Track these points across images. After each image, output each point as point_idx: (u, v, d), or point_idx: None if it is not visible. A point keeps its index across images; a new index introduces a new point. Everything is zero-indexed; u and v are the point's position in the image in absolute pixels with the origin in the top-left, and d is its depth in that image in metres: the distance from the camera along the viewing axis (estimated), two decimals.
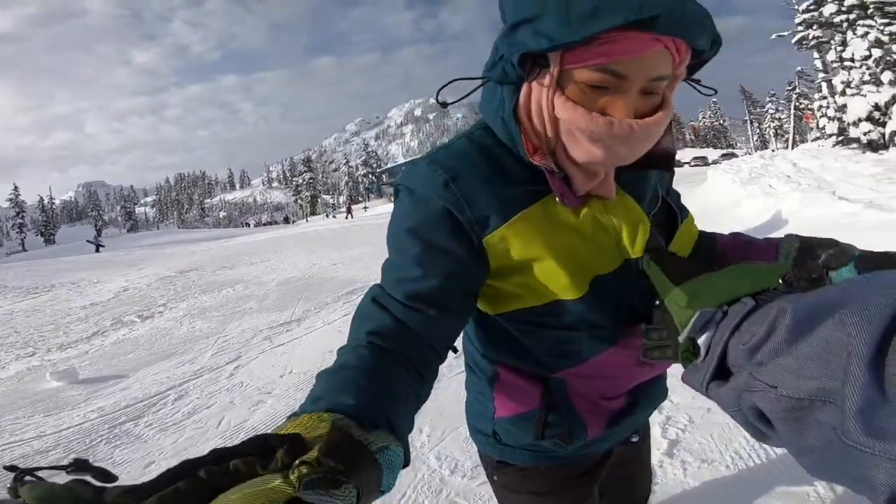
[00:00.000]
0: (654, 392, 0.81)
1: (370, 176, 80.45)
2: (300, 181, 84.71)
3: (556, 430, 0.72)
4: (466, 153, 0.63)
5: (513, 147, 0.62)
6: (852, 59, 14.08)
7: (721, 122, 79.48)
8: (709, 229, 0.84)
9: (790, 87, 37.98)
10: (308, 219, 61.25)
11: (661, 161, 0.66)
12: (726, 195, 8.79)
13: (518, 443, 0.78)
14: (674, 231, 0.75)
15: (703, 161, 39.91)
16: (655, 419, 2.16)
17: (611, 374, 0.73)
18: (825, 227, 5.38)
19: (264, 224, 76.28)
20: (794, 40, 17.66)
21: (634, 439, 0.89)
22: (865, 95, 13.34)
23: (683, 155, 49.25)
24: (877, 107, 12.99)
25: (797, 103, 27.58)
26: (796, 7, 17.15)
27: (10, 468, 0.30)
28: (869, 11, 14.19)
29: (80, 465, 0.31)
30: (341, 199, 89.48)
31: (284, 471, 0.31)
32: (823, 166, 9.76)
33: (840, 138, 14.66)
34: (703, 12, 0.52)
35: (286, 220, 75.52)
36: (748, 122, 63.23)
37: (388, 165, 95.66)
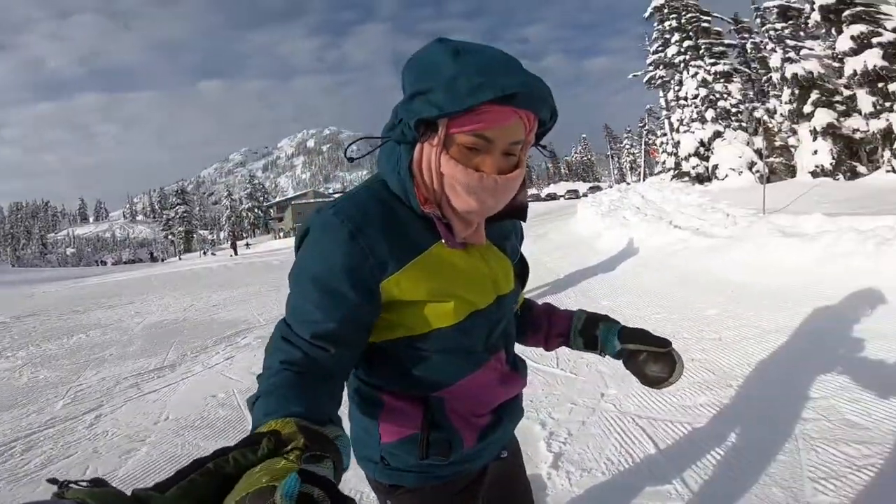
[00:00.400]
0: (513, 410, 0.93)
1: (256, 210, 75.68)
2: (172, 214, 76.78)
3: (437, 449, 0.80)
4: (368, 205, 0.73)
5: (406, 199, 0.73)
6: (686, 98, 16.31)
7: (589, 157, 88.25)
8: (577, 259, 1.04)
9: (641, 125, 41.82)
10: (181, 256, 55.50)
11: (518, 212, 0.82)
12: (591, 227, 9.80)
13: (405, 465, 0.83)
14: (524, 283, 0.95)
15: (575, 194, 43.71)
16: (540, 435, 2.34)
17: (479, 393, 0.84)
18: (665, 254, 6.34)
19: (125, 262, 67.34)
20: (644, 80, 19.58)
21: (504, 455, 0.98)
22: (693, 132, 15.50)
23: (559, 189, 53.97)
24: (702, 143, 15.17)
25: (647, 139, 29.76)
26: (648, 48, 19.25)
27: (52, 481, 0.38)
28: (700, 52, 16.44)
29: (98, 483, 0.38)
30: (222, 234, 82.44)
31: (272, 457, 0.44)
32: (664, 198, 11.53)
33: (676, 172, 16.84)
34: (547, 90, 0.70)
35: (153, 258, 67.39)
36: (609, 156, 68.74)
37: (277, 199, 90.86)
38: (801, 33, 12.99)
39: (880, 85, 10.49)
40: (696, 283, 4.90)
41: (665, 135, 19.55)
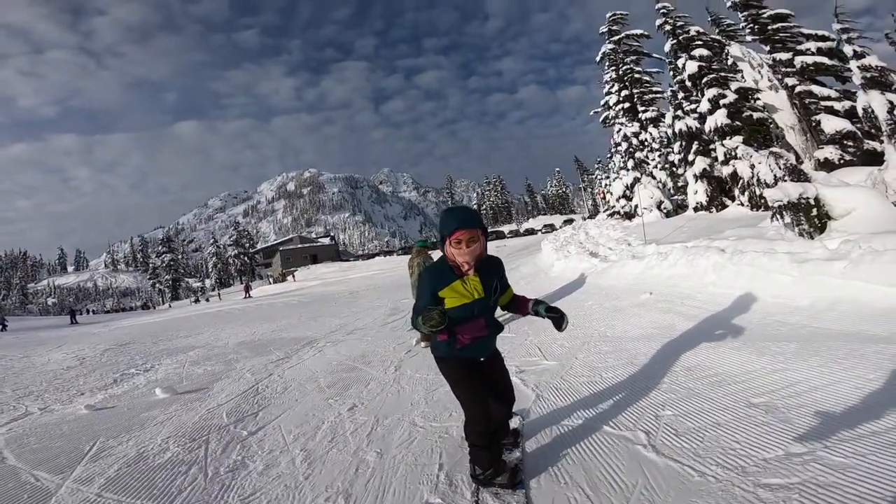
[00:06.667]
0: (484, 341, 2.41)
1: (242, 257, 76.88)
2: (158, 263, 77.46)
3: (452, 344, 2.36)
4: (441, 262, 2.37)
5: (447, 260, 2.33)
6: (618, 146, 18.89)
7: (563, 189, 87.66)
8: (536, 285, 5.79)
9: (609, 156, 41.57)
10: (171, 304, 56.25)
11: (485, 257, 2.36)
12: (548, 260, 12.91)
13: (444, 348, 2.37)
14: (503, 293, 2.48)
15: (551, 228, 46.52)
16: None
17: (468, 329, 2.35)
18: (583, 275, 9.50)
19: (114, 311, 67.84)
20: (601, 119, 20.85)
21: (482, 359, 2.44)
22: (621, 178, 18.21)
23: (537, 223, 56.06)
24: (627, 186, 18.01)
25: (608, 174, 30.34)
26: (603, 88, 20.33)
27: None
28: (633, 102, 18.89)
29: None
30: (208, 282, 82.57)
31: None
32: (600, 233, 14.63)
33: (611, 210, 19.69)
34: (473, 216, 2.28)
35: (145, 307, 68.21)
36: (582, 189, 70.14)
37: (260, 245, 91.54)
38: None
39: (726, 139, 13.61)
40: (589, 289, 8.15)
41: (607, 176, 21.07)
